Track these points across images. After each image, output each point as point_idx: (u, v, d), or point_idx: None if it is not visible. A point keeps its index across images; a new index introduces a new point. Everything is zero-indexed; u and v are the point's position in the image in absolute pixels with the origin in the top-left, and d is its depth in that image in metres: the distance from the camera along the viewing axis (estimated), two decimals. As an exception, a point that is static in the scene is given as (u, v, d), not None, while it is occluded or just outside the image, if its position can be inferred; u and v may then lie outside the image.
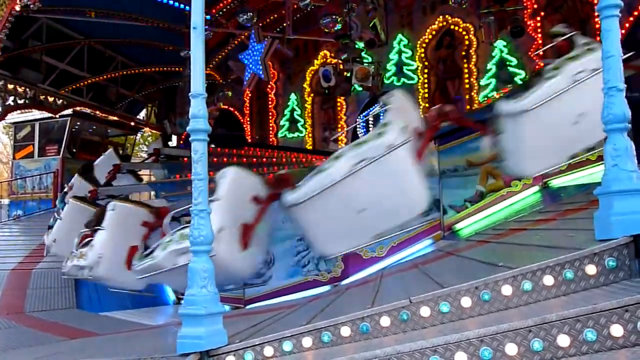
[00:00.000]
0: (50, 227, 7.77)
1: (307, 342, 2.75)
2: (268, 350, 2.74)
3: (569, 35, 4.40)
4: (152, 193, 10.90)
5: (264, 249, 4.98)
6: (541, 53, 8.27)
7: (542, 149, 4.23)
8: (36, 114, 15.20)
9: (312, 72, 14.00)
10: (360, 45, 11.54)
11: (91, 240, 5.97)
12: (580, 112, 4.05)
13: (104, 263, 5.75)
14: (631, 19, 8.94)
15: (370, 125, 12.58)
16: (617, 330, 2.13)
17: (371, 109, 12.57)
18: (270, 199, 4.75)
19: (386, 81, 12.20)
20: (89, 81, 15.14)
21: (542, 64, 4.57)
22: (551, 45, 4.52)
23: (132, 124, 17.82)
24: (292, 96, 14.52)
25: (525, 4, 10.69)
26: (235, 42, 13.64)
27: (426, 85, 12.31)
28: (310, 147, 13.94)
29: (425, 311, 2.71)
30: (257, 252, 4.70)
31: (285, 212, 4.38)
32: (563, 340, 2.18)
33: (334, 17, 10.61)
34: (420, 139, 4.29)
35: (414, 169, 4.07)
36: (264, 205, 4.68)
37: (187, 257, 3.94)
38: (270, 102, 15.04)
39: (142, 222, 5.82)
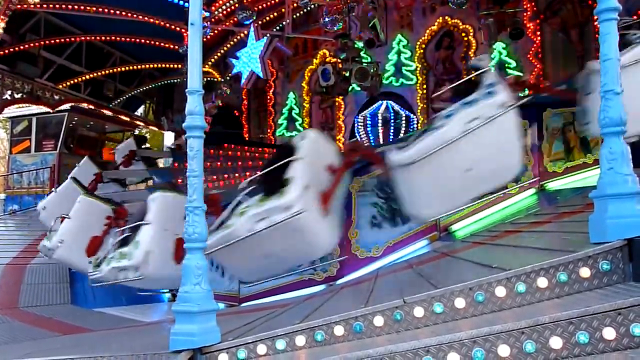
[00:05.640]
0: None
1: (300, 340, 2.74)
2: (261, 349, 2.74)
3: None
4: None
5: (340, 222, 4.70)
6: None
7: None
8: (33, 108, 15.14)
9: (311, 71, 13.99)
10: (360, 45, 11.53)
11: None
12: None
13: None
14: (630, 23, 8.95)
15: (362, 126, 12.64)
16: (609, 333, 2.13)
17: (371, 108, 12.59)
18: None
19: (385, 81, 12.20)
20: (87, 77, 15.10)
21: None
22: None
23: (130, 120, 17.77)
24: (291, 95, 14.51)
25: (525, 7, 10.72)
26: (235, 39, 13.62)
27: (425, 86, 12.31)
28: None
29: (418, 311, 2.71)
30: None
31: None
32: (556, 343, 2.18)
33: (333, 16, 10.60)
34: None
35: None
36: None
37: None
38: (268, 101, 15.03)
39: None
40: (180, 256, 4.90)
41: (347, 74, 10.81)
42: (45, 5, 11.42)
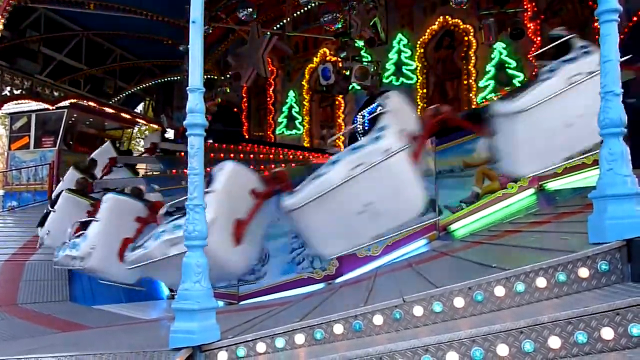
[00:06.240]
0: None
1: (299, 339, 2.75)
2: (260, 347, 2.74)
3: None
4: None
5: (258, 246, 5.00)
6: (534, 57, 8.29)
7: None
8: (33, 104, 15.11)
9: (311, 70, 13.99)
10: (360, 43, 11.53)
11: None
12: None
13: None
14: (630, 24, 8.96)
15: (365, 125, 12.58)
16: (607, 333, 2.14)
17: (370, 108, 12.56)
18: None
19: (385, 80, 12.20)
20: (87, 73, 15.07)
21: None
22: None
23: (130, 117, 17.75)
24: (291, 93, 14.50)
25: (525, 7, 10.72)
26: (234, 36, 13.60)
27: (425, 86, 12.32)
28: (308, 145, 13.94)
29: (418, 310, 2.72)
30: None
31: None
32: (554, 342, 2.19)
33: (334, 15, 10.59)
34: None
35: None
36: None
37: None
38: (268, 99, 15.02)
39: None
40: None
41: (348, 73, 10.82)
42: (45, 1, 11.41)
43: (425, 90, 12.28)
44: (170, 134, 15.79)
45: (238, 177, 4.78)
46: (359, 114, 12.87)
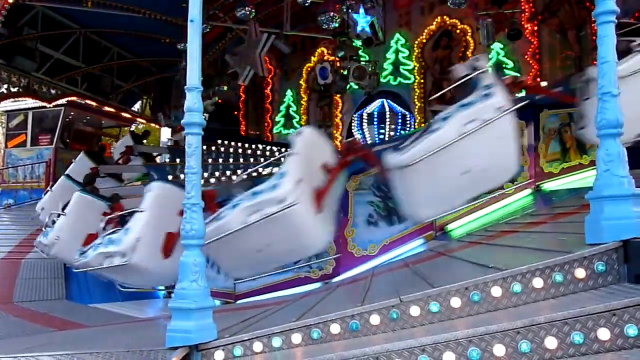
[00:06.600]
0: None
1: (296, 338, 2.75)
2: (257, 346, 2.75)
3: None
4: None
5: (334, 222, 4.71)
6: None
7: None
8: (29, 102, 15.06)
9: (309, 69, 13.98)
10: (358, 43, 11.53)
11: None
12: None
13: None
14: (627, 25, 8.98)
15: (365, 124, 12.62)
16: (604, 333, 2.15)
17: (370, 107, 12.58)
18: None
19: (382, 80, 12.21)
20: (84, 71, 15.02)
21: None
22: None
23: (127, 115, 17.71)
24: (288, 92, 14.50)
25: (523, 8, 10.75)
26: (232, 35, 13.56)
27: (422, 86, 12.34)
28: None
29: (415, 310, 2.72)
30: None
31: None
32: (550, 343, 2.20)
33: (331, 14, 10.59)
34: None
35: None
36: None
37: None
38: (266, 98, 15.01)
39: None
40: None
41: (345, 72, 10.83)
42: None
43: (422, 90, 12.30)
44: (167, 132, 15.79)
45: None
46: (356, 113, 12.93)
